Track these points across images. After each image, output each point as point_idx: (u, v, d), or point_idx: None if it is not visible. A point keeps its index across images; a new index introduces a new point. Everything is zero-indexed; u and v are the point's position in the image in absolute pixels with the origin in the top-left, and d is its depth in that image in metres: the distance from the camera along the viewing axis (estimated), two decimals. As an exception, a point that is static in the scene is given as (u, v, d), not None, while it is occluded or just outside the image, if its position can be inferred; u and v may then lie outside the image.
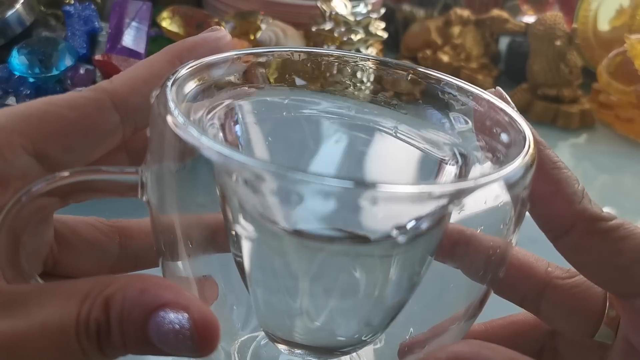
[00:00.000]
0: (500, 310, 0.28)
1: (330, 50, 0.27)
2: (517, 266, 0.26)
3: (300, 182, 0.18)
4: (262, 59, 0.25)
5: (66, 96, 0.23)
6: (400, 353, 0.25)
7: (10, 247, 0.22)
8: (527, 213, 0.23)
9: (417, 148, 0.25)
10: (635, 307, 0.24)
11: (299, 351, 0.24)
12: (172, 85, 0.21)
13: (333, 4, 0.69)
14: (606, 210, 0.24)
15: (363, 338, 0.24)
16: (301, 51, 0.26)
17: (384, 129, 0.26)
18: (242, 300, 0.25)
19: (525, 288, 0.26)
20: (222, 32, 0.25)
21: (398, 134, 0.26)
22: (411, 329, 0.25)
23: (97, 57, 0.55)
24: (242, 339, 0.27)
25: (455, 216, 0.21)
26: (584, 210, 0.23)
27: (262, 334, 0.26)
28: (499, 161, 0.23)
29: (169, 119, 0.20)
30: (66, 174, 0.21)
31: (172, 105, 0.20)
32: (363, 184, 0.18)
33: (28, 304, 0.19)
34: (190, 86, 0.22)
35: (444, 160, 0.25)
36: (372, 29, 0.69)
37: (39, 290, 0.20)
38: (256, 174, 0.18)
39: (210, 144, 0.18)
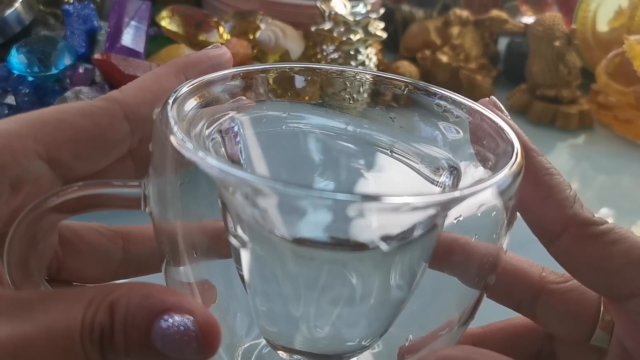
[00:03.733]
0: (499, 314, 0.28)
1: (328, 65, 0.27)
2: (511, 272, 0.26)
3: (297, 196, 0.18)
4: (261, 75, 0.26)
5: (79, 105, 0.24)
6: (400, 356, 0.26)
7: (23, 255, 0.22)
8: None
9: (412, 161, 0.26)
10: (627, 310, 0.24)
11: (300, 358, 0.24)
12: (173, 102, 0.22)
13: (332, 3, 0.69)
14: (604, 211, 0.24)
15: (363, 343, 0.24)
16: (300, 66, 0.26)
17: (382, 143, 0.27)
18: (244, 308, 0.26)
19: (520, 293, 0.26)
20: (223, 48, 0.26)
21: (394, 149, 0.26)
22: (410, 336, 0.25)
23: (96, 56, 0.55)
24: (245, 345, 0.27)
25: (449, 222, 0.22)
26: (576, 215, 0.24)
27: (264, 341, 0.27)
28: (490, 170, 0.23)
29: (170, 136, 0.20)
30: (76, 187, 0.22)
31: (172, 122, 0.21)
32: (358, 196, 0.19)
33: (33, 309, 0.20)
34: (191, 103, 0.23)
35: (437, 173, 0.25)
36: (371, 29, 0.68)
37: (43, 296, 0.20)
38: (255, 188, 0.19)
39: (210, 161, 0.19)
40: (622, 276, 0.23)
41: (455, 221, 0.21)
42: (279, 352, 0.25)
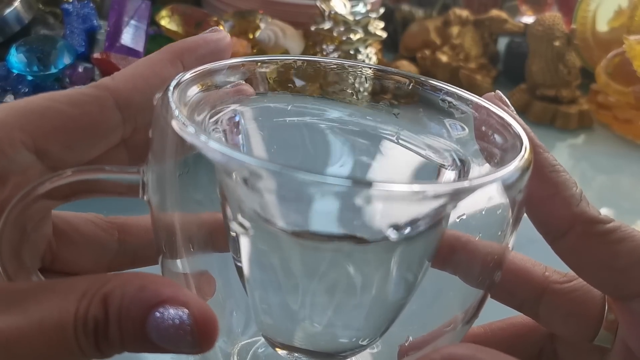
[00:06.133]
0: (500, 313, 0.28)
1: (332, 59, 0.27)
2: (514, 272, 0.26)
3: (299, 180, 0.18)
4: (264, 66, 0.25)
5: (68, 92, 0.23)
6: (400, 355, 0.25)
7: (15, 243, 0.22)
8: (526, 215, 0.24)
9: (418, 154, 0.25)
10: (631, 309, 0.24)
11: (298, 355, 0.24)
12: (174, 88, 0.21)
13: (332, 3, 0.69)
14: (604, 211, 0.24)
15: (361, 342, 0.24)
16: (303, 59, 0.26)
17: (386, 136, 0.26)
18: (241, 305, 0.25)
19: (523, 293, 0.26)
20: (222, 33, 0.25)
21: (400, 141, 0.26)
22: (410, 337, 0.25)
23: (96, 55, 0.55)
24: (242, 343, 0.27)
25: (453, 220, 0.21)
26: (582, 213, 0.23)
27: (261, 339, 0.26)
28: (497, 166, 0.23)
29: (171, 120, 0.20)
30: (69, 172, 0.21)
31: (173, 106, 0.20)
32: (361, 183, 0.18)
33: (26, 302, 0.19)
34: (193, 90, 0.23)
35: (444, 165, 0.25)
36: (371, 28, 0.68)
37: (36, 288, 0.20)
38: (255, 172, 0.18)
39: (212, 144, 0.19)
40: (628, 275, 0.23)
41: (458, 220, 0.20)
42: (278, 350, 0.24)
